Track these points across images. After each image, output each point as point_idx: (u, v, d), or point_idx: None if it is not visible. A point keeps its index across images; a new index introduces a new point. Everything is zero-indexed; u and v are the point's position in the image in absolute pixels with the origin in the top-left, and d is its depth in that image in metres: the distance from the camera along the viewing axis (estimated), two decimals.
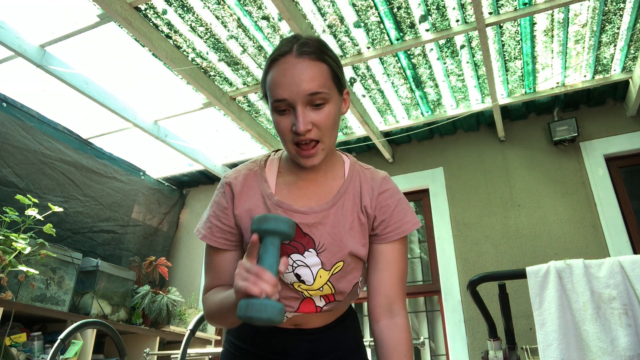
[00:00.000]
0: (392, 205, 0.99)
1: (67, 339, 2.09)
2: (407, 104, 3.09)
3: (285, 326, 1.01)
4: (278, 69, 0.90)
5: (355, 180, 1.01)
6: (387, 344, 0.94)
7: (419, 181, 3.40)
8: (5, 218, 2.43)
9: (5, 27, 2.35)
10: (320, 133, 0.90)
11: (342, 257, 0.95)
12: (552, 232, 2.89)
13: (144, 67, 2.72)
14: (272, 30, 2.45)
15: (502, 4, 2.28)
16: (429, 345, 3.27)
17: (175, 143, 3.35)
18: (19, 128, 2.92)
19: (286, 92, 0.88)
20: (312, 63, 0.89)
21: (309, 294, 0.97)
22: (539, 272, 1.64)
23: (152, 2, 2.25)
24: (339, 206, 0.97)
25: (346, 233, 0.96)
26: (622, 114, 3.02)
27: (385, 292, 0.97)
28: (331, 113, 0.91)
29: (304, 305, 0.98)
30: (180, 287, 3.78)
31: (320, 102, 0.89)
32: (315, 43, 0.93)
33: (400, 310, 0.97)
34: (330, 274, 0.95)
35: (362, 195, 0.99)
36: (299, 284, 0.96)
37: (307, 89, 0.87)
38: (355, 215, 0.98)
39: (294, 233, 0.82)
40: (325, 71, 0.91)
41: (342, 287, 0.98)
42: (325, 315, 1.03)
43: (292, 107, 0.89)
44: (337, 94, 0.95)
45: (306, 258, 0.95)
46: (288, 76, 0.88)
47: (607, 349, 1.45)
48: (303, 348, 1.02)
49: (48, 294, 2.66)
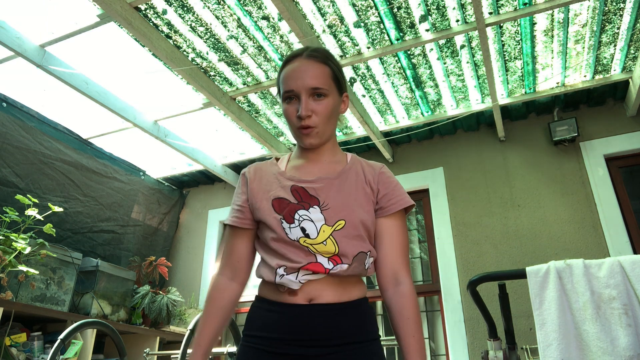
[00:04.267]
0: (392, 182, 1.15)
1: (67, 339, 2.09)
2: (407, 104, 3.09)
3: (299, 301, 1.03)
4: (290, 66, 1.13)
5: (357, 165, 1.17)
6: (394, 309, 1.06)
7: (419, 181, 3.40)
8: (5, 218, 2.43)
9: (5, 27, 2.35)
10: (318, 120, 1.10)
11: (344, 216, 1.06)
12: (552, 232, 2.89)
13: (143, 67, 2.72)
14: (272, 30, 2.45)
15: (502, 4, 2.28)
16: (429, 345, 3.27)
17: (175, 143, 3.35)
18: (19, 128, 2.92)
19: (294, 84, 1.09)
20: (317, 64, 1.12)
21: (314, 249, 1.03)
22: (539, 272, 1.64)
23: (152, 2, 2.25)
24: (343, 178, 1.12)
25: (350, 197, 1.09)
26: (622, 114, 3.02)
27: (391, 263, 1.09)
28: (329, 105, 1.11)
29: (312, 265, 1.03)
30: (180, 287, 3.78)
31: (320, 94, 1.10)
32: (322, 51, 1.16)
33: (405, 278, 1.08)
34: (333, 229, 1.04)
35: (365, 174, 1.15)
36: (304, 239, 1.04)
37: (310, 84, 1.09)
38: (360, 186, 1.12)
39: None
40: (327, 72, 1.13)
41: (345, 248, 1.04)
42: (338, 289, 1.05)
43: (298, 97, 1.10)
44: (337, 94, 1.15)
45: (311, 213, 1.06)
46: (297, 72, 1.11)
47: (607, 349, 1.45)
48: (318, 325, 1.01)
49: (48, 294, 2.66)
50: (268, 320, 1.05)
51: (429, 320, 3.37)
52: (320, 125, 1.10)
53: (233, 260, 1.15)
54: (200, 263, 3.89)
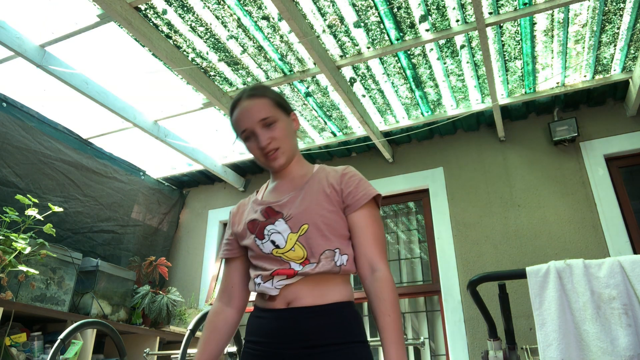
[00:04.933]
0: (355, 180, 1.22)
1: (67, 339, 2.09)
2: (407, 104, 3.09)
3: (278, 306, 1.13)
4: (237, 111, 1.24)
5: (321, 173, 1.26)
6: (371, 293, 1.11)
7: (419, 181, 3.40)
8: (5, 218, 2.43)
9: (5, 27, 2.35)
10: (278, 142, 1.20)
11: (306, 220, 1.15)
12: (552, 232, 2.89)
13: (143, 67, 2.72)
14: (272, 30, 2.45)
15: (502, 4, 2.28)
16: (429, 345, 3.27)
17: (175, 143, 3.35)
18: (19, 128, 2.92)
19: (245, 123, 1.21)
20: (257, 99, 1.23)
21: (286, 257, 1.14)
22: (539, 272, 1.64)
23: (152, 2, 2.25)
24: (306, 189, 1.22)
25: (311, 203, 1.18)
26: (622, 114, 3.02)
27: (365, 253, 1.15)
28: (282, 127, 1.22)
29: (282, 270, 1.13)
30: (180, 287, 3.78)
31: (270, 122, 1.21)
32: (258, 87, 1.27)
33: (380, 265, 1.13)
34: (298, 235, 1.14)
35: (328, 178, 1.23)
36: (275, 250, 1.15)
37: (258, 117, 1.20)
38: (321, 190, 1.20)
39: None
40: (268, 102, 1.23)
41: (311, 248, 1.13)
42: (315, 292, 1.12)
43: (253, 133, 1.21)
44: (284, 116, 1.25)
45: (277, 226, 1.18)
46: (244, 112, 1.22)
47: (607, 349, 1.45)
48: (289, 328, 1.09)
49: (48, 294, 2.66)
50: (257, 326, 1.17)
51: (429, 320, 3.37)
52: (282, 145, 1.21)
53: (227, 287, 1.30)
54: (200, 263, 3.89)
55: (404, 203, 3.58)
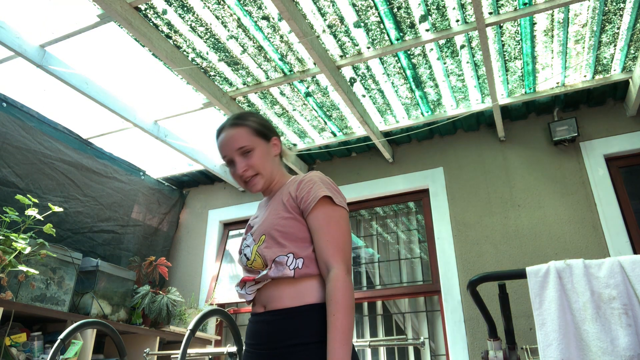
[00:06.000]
0: (309, 185, 1.26)
1: (67, 339, 2.09)
2: (407, 104, 3.09)
3: (257, 310, 1.25)
4: (220, 139, 1.35)
5: (289, 183, 1.33)
6: (326, 293, 1.14)
7: (419, 181, 3.40)
8: (5, 218, 2.43)
9: (5, 27, 2.35)
10: (255, 169, 1.30)
11: (264, 231, 1.24)
12: (552, 232, 2.89)
13: (143, 67, 2.72)
14: (272, 30, 2.45)
15: (502, 4, 2.28)
16: (429, 345, 3.27)
17: (175, 143, 3.35)
18: (19, 128, 2.92)
19: (225, 151, 1.33)
20: (236, 129, 1.33)
21: (253, 267, 1.26)
22: (539, 272, 1.64)
23: (152, 2, 2.25)
24: (272, 202, 1.33)
25: (270, 214, 1.27)
26: (622, 114, 3.02)
27: (321, 255, 1.18)
28: (259, 155, 1.31)
29: (246, 277, 1.27)
30: (180, 287, 3.78)
31: (247, 151, 1.30)
32: (241, 115, 1.36)
33: (334, 264, 1.15)
34: (257, 246, 1.24)
35: (289, 188, 1.30)
36: (248, 262, 1.26)
37: (235, 146, 1.31)
38: (280, 200, 1.28)
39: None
40: (246, 131, 1.32)
41: (266, 256, 1.21)
42: (283, 296, 1.19)
43: (232, 161, 1.32)
44: (264, 143, 1.34)
45: (247, 241, 1.30)
46: (224, 141, 1.33)
47: (607, 349, 1.45)
48: (265, 330, 1.19)
49: (48, 294, 2.66)
50: (248, 330, 1.28)
51: (429, 320, 3.37)
52: (260, 171, 1.31)
53: None
54: (200, 263, 3.89)
55: (404, 203, 3.58)
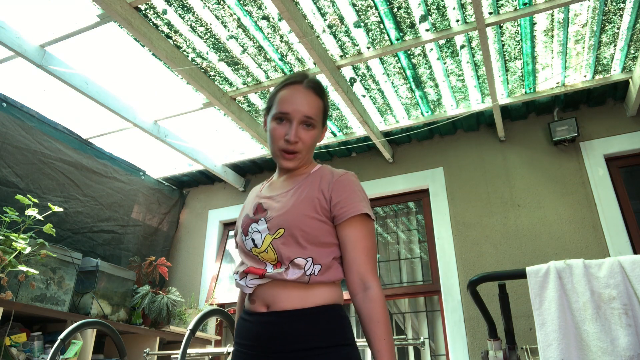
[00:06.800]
0: (346, 190, 1.16)
1: (67, 339, 2.09)
2: (407, 104, 3.09)
3: (259, 309, 1.13)
4: (289, 90, 1.21)
5: (317, 174, 1.23)
6: (364, 313, 1.07)
7: (419, 181, 3.40)
8: (5, 218, 2.43)
9: (5, 27, 2.35)
10: (302, 147, 1.19)
11: (283, 225, 1.12)
12: (552, 232, 2.89)
13: (143, 67, 2.72)
14: (272, 30, 2.45)
15: (502, 4, 2.28)
16: (429, 345, 3.27)
17: (175, 143, 3.35)
18: (19, 128, 2.92)
19: (290, 108, 1.18)
20: (314, 96, 1.21)
21: (261, 257, 1.14)
22: (539, 272, 1.64)
23: (152, 2, 2.25)
24: (296, 189, 1.20)
25: (294, 207, 1.15)
26: (622, 114, 3.02)
27: (357, 269, 1.11)
28: (314, 136, 1.21)
29: (252, 268, 1.14)
30: (180, 287, 3.79)
31: (310, 124, 1.19)
32: (320, 85, 1.25)
33: (372, 282, 1.09)
34: (273, 238, 1.12)
35: (321, 182, 1.19)
36: (255, 249, 1.15)
37: (305, 112, 1.18)
38: (309, 195, 1.16)
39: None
40: (320, 106, 1.22)
41: (282, 254, 1.10)
42: (293, 296, 1.10)
43: (290, 121, 1.18)
44: (321, 126, 1.25)
45: (259, 225, 1.17)
46: (295, 97, 1.19)
47: (607, 349, 1.45)
48: (270, 332, 1.08)
49: (48, 294, 2.66)
50: (244, 329, 1.16)
51: (429, 320, 3.37)
52: (304, 152, 1.20)
53: None
54: (200, 263, 3.89)
55: (404, 203, 3.58)
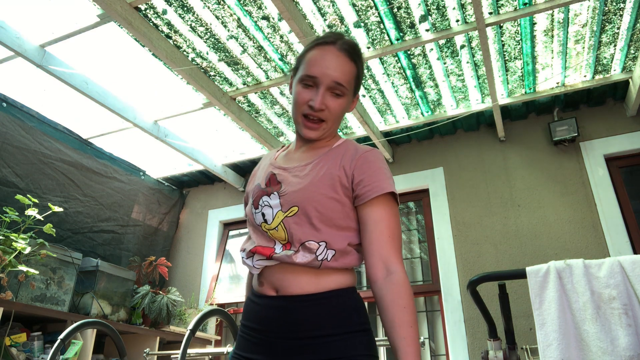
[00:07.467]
0: (371, 167, 1.06)
1: (67, 339, 2.09)
2: (407, 104, 3.09)
3: (268, 292, 1.04)
4: (319, 51, 1.08)
5: (340, 149, 1.12)
6: (387, 298, 0.95)
7: (419, 181, 3.40)
8: (5, 218, 2.43)
9: (5, 27, 2.35)
10: (328, 116, 1.08)
11: (298, 202, 1.02)
12: (552, 232, 2.89)
13: (143, 67, 2.72)
14: (272, 30, 2.45)
15: (502, 4, 2.28)
16: (429, 345, 3.27)
17: (175, 143, 3.35)
18: (19, 128, 2.92)
19: (319, 71, 1.06)
20: (347, 60, 1.08)
21: (270, 234, 1.04)
22: (539, 272, 1.64)
23: (152, 2, 2.25)
24: (316, 164, 1.09)
25: (311, 184, 1.04)
26: (622, 114, 3.02)
27: (378, 251, 0.99)
28: (342, 105, 1.09)
29: (259, 248, 1.05)
30: (180, 287, 3.79)
31: (339, 92, 1.07)
32: (355, 47, 1.12)
33: (397, 266, 0.98)
34: (285, 216, 1.02)
35: (344, 158, 1.08)
36: (264, 224, 1.06)
37: (335, 77, 1.06)
38: (329, 172, 1.06)
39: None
40: (353, 71, 1.10)
41: (294, 234, 1.01)
42: (304, 279, 1.01)
43: (317, 86, 1.06)
44: (352, 95, 1.13)
45: (271, 199, 1.06)
46: (326, 60, 1.06)
47: (607, 349, 1.45)
48: (280, 318, 1.00)
49: (48, 294, 2.66)
50: (252, 312, 1.07)
51: (429, 320, 3.37)
52: (329, 122, 1.09)
53: None
54: (200, 263, 3.89)
55: (404, 203, 3.58)
